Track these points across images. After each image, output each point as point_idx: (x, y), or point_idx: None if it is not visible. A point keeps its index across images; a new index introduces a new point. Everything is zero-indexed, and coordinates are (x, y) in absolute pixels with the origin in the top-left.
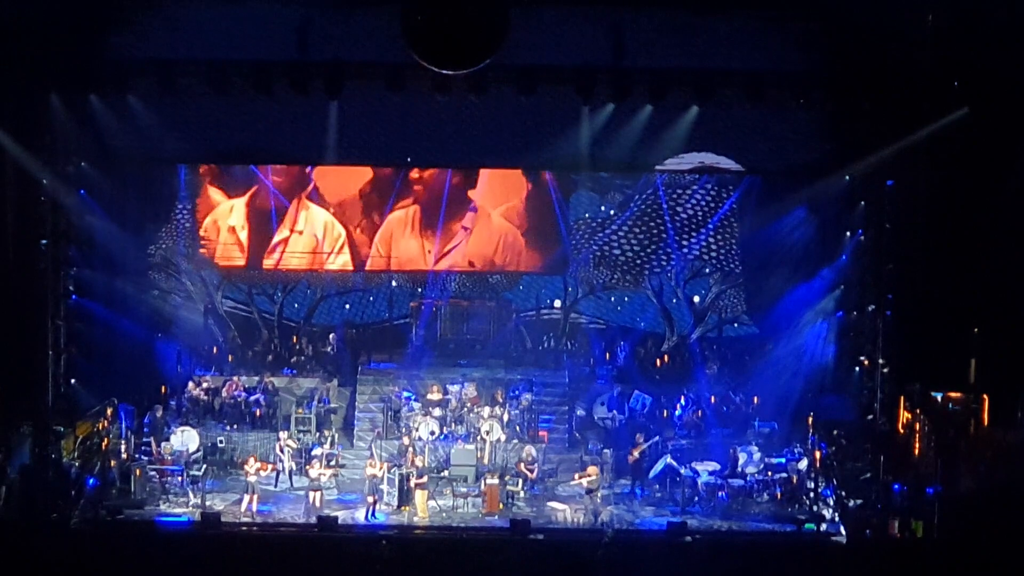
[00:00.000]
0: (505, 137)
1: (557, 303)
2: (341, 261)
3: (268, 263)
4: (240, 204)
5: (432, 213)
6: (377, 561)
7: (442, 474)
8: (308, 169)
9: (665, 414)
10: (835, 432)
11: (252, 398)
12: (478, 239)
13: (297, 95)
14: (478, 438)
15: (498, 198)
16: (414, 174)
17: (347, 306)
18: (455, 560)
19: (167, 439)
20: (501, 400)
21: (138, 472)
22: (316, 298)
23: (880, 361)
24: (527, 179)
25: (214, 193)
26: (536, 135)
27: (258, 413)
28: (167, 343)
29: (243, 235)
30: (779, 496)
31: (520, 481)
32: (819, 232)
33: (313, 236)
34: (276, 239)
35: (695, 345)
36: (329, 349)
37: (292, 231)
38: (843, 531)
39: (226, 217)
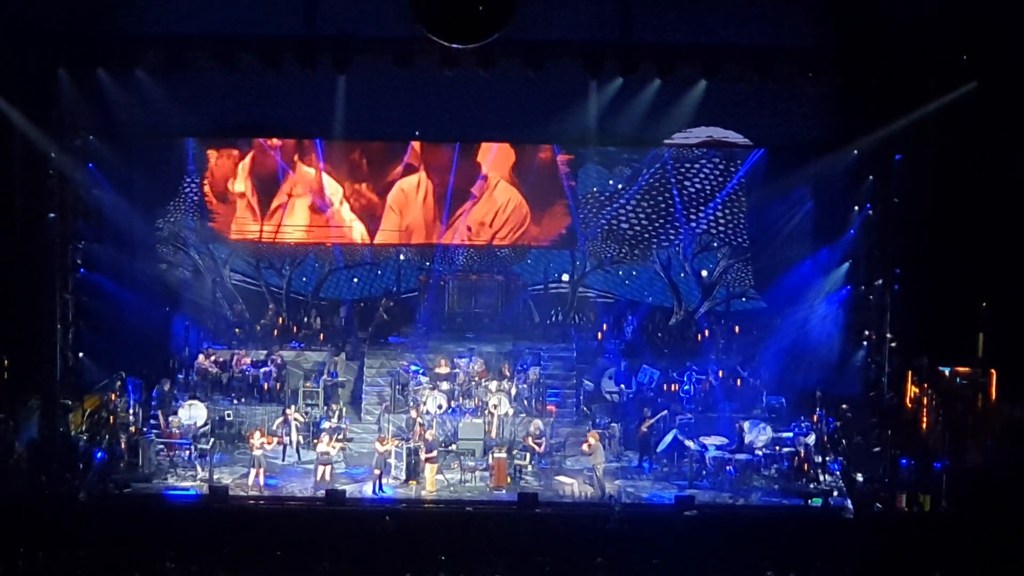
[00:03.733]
0: (513, 111)
1: (565, 277)
2: (348, 229)
3: (268, 228)
4: (243, 169)
5: (441, 180)
6: (383, 535)
7: (450, 448)
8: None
9: (673, 388)
10: (843, 407)
11: (260, 372)
12: (482, 207)
13: (305, 70)
14: (486, 412)
15: (505, 162)
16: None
17: (355, 280)
18: (463, 534)
19: (175, 413)
20: (509, 374)
21: (146, 446)
22: (324, 272)
23: (888, 335)
24: (533, 152)
25: (212, 156)
26: (544, 109)
27: (266, 387)
28: (175, 317)
29: (254, 200)
30: (787, 470)
31: (528, 455)
32: (827, 207)
33: (313, 201)
34: (275, 204)
35: (703, 319)
36: (338, 322)
37: (291, 195)
38: (850, 505)
39: (231, 181)
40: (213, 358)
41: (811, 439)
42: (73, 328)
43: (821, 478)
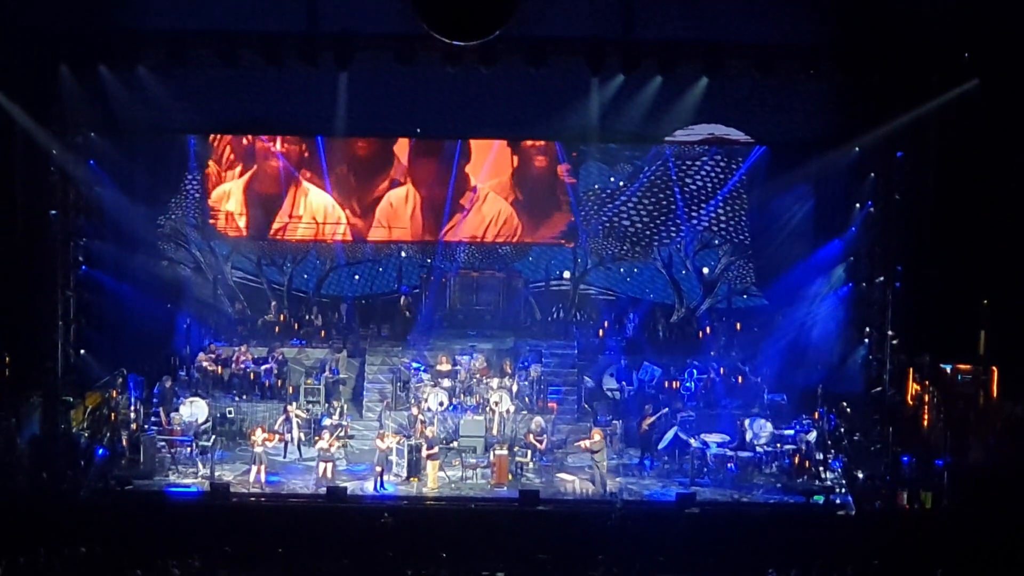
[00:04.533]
0: (515, 108)
1: (566, 274)
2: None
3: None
4: (237, 188)
5: (431, 191)
6: (384, 532)
7: (451, 445)
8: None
9: (674, 385)
10: (844, 404)
11: (261, 368)
12: (472, 220)
13: (307, 66)
14: (487, 409)
15: (499, 170)
16: (401, 152)
17: (356, 277)
18: (464, 531)
19: (176, 409)
20: (510, 371)
21: (147, 443)
22: (325, 269)
23: (889, 333)
24: (533, 155)
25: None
26: (546, 106)
27: (267, 384)
28: (176, 314)
29: (241, 222)
30: (788, 467)
31: (529, 452)
32: (828, 204)
33: (312, 220)
34: (276, 226)
35: (704, 316)
36: (339, 319)
37: (291, 217)
38: (852, 502)
39: (224, 201)
40: (214, 355)
41: (812, 436)
42: (75, 325)
43: (822, 475)
